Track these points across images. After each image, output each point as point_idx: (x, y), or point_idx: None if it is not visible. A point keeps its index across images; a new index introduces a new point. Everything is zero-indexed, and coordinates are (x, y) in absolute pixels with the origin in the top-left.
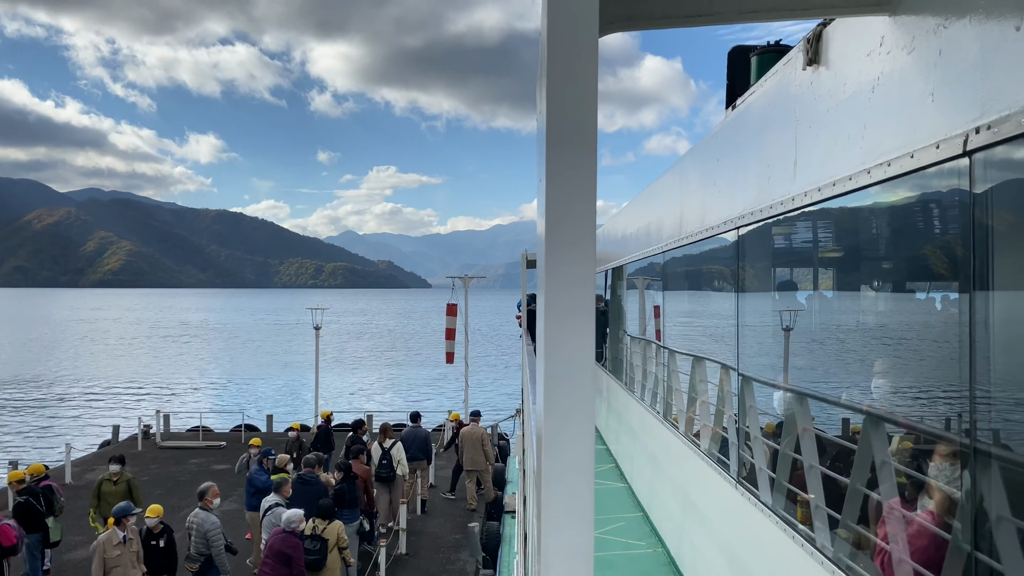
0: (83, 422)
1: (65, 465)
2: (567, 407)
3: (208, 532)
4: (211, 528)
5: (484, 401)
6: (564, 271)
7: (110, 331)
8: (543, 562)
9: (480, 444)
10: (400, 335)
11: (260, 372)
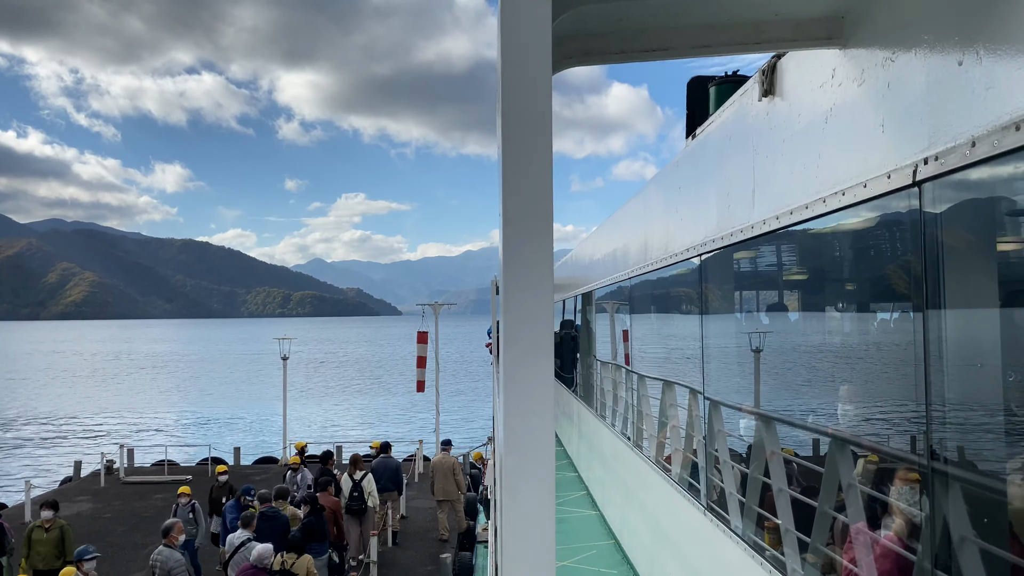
0: (44, 458)
1: (25, 503)
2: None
3: (172, 570)
4: (175, 566)
5: (456, 429)
6: (522, 303)
7: (72, 364)
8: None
9: (451, 473)
10: (370, 363)
11: (227, 404)
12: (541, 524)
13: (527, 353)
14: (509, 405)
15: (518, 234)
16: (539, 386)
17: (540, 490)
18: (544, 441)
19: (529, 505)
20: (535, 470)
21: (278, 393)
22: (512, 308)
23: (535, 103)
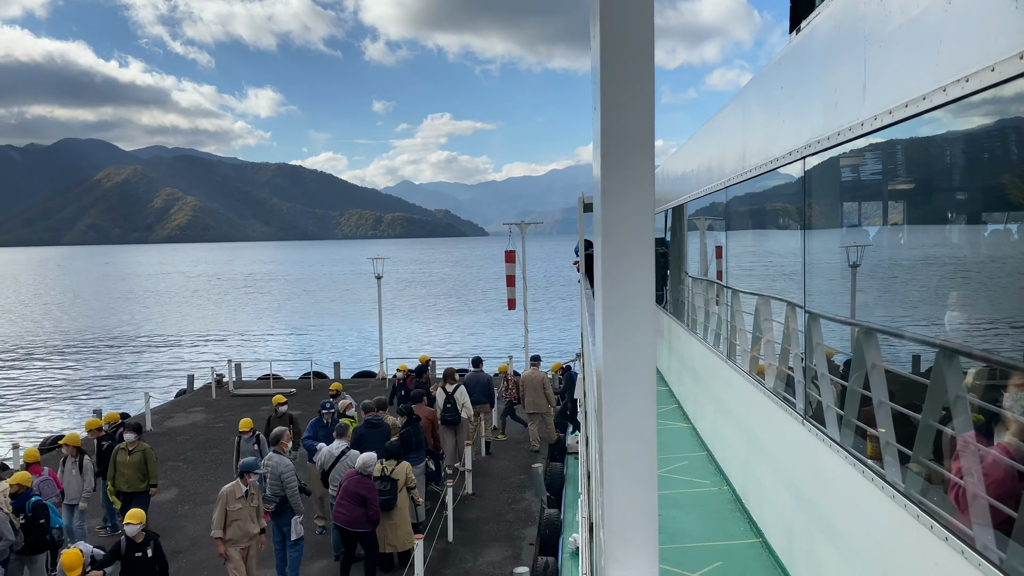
0: (160, 372)
1: (145, 413)
2: (627, 347)
3: (282, 474)
4: (285, 470)
5: (544, 346)
6: (622, 211)
7: (181, 285)
8: (606, 499)
9: (541, 387)
10: (459, 283)
11: (326, 321)
12: (643, 431)
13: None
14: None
15: (617, 135)
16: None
17: (641, 397)
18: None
19: (631, 412)
20: (636, 376)
21: (374, 311)
22: (611, 211)
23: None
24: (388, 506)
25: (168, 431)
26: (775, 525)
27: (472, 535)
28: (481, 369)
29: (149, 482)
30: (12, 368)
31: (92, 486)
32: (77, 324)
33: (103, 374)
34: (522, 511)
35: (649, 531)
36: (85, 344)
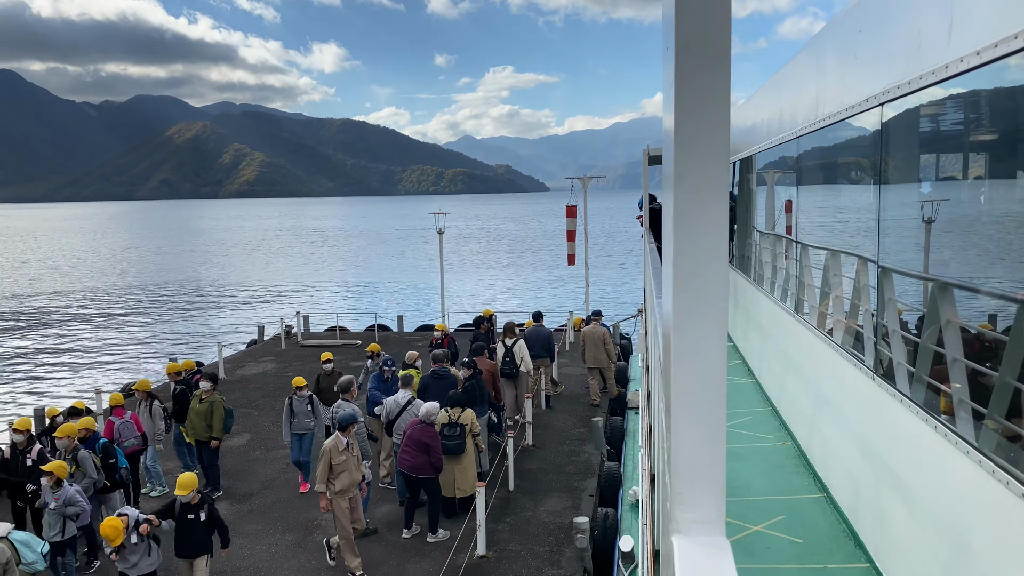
0: (231, 323)
1: (219, 362)
2: (698, 301)
3: None
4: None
5: (605, 301)
6: (696, 160)
7: (250, 239)
8: (674, 442)
9: (602, 343)
10: (519, 238)
11: (389, 275)
12: (712, 374)
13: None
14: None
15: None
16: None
17: (712, 341)
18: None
19: (701, 355)
20: (708, 319)
21: (435, 265)
22: (684, 162)
23: None
24: (458, 451)
25: (240, 379)
26: (840, 480)
27: (532, 485)
28: (541, 324)
29: (211, 434)
30: (93, 319)
31: (162, 429)
32: (153, 277)
33: (179, 324)
34: (582, 463)
35: (716, 474)
36: (161, 296)
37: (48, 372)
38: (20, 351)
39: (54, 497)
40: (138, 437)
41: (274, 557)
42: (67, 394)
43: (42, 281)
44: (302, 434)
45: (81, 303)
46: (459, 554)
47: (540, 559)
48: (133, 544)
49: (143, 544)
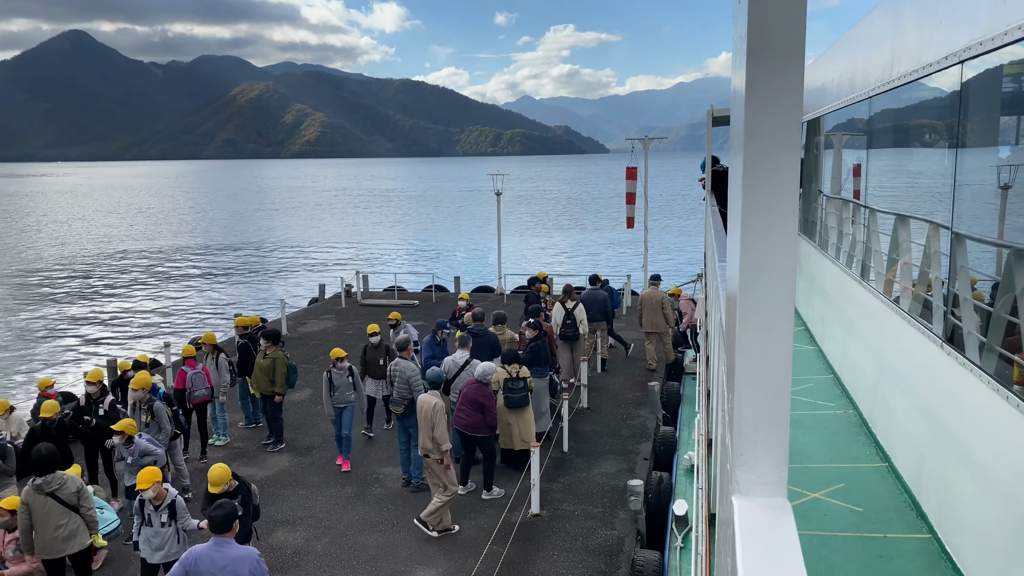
0: (294, 281)
1: (281, 319)
2: (766, 260)
3: (410, 378)
4: (412, 375)
5: (664, 265)
6: (767, 121)
7: (312, 199)
8: (736, 402)
9: (659, 307)
10: (577, 200)
11: (447, 236)
12: (779, 334)
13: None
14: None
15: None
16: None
17: (779, 302)
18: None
19: (767, 314)
20: (775, 280)
21: (493, 227)
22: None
23: None
24: (523, 403)
25: (302, 336)
26: (904, 449)
27: (587, 447)
28: (598, 287)
29: (275, 389)
30: (162, 275)
31: (227, 381)
32: (218, 235)
33: (243, 282)
34: (637, 427)
35: (779, 436)
36: (226, 254)
37: (119, 326)
38: (93, 305)
39: (128, 452)
40: (207, 388)
41: (334, 508)
42: (137, 347)
43: (114, 238)
44: (343, 407)
45: (150, 260)
46: (513, 512)
47: (593, 519)
48: (161, 525)
49: (171, 529)
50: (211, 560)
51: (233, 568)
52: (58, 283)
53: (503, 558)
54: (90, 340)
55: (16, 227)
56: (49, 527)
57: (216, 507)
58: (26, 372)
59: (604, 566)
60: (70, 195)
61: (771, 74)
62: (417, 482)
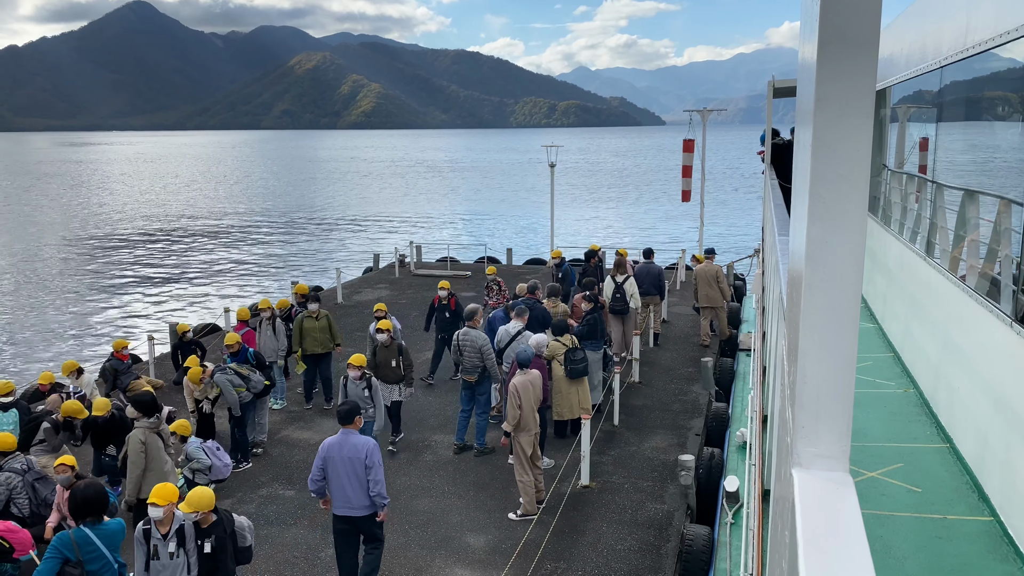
0: (349, 250)
1: (336, 287)
2: (835, 229)
3: (482, 347)
4: (484, 344)
5: (720, 239)
6: (840, 89)
7: (367, 169)
8: (799, 376)
9: (715, 281)
10: (632, 173)
11: (500, 208)
12: (845, 316)
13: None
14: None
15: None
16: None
17: (846, 280)
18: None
19: (835, 286)
20: (844, 253)
21: (545, 199)
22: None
23: None
24: (584, 373)
25: (356, 304)
26: (967, 431)
27: (637, 421)
28: (652, 260)
29: (335, 341)
30: (222, 242)
31: (285, 346)
32: (276, 203)
33: (300, 250)
34: (689, 402)
35: (843, 409)
36: (283, 222)
37: (179, 292)
38: (154, 269)
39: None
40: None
41: (386, 473)
42: (194, 313)
43: (173, 206)
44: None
45: (211, 226)
46: (563, 482)
47: (643, 493)
48: (170, 556)
49: (181, 560)
50: (339, 446)
51: (354, 451)
52: (117, 249)
53: (552, 527)
54: (151, 303)
55: (83, 193)
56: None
57: (342, 404)
58: (82, 336)
59: (653, 539)
60: (133, 163)
61: (844, 42)
62: (480, 447)
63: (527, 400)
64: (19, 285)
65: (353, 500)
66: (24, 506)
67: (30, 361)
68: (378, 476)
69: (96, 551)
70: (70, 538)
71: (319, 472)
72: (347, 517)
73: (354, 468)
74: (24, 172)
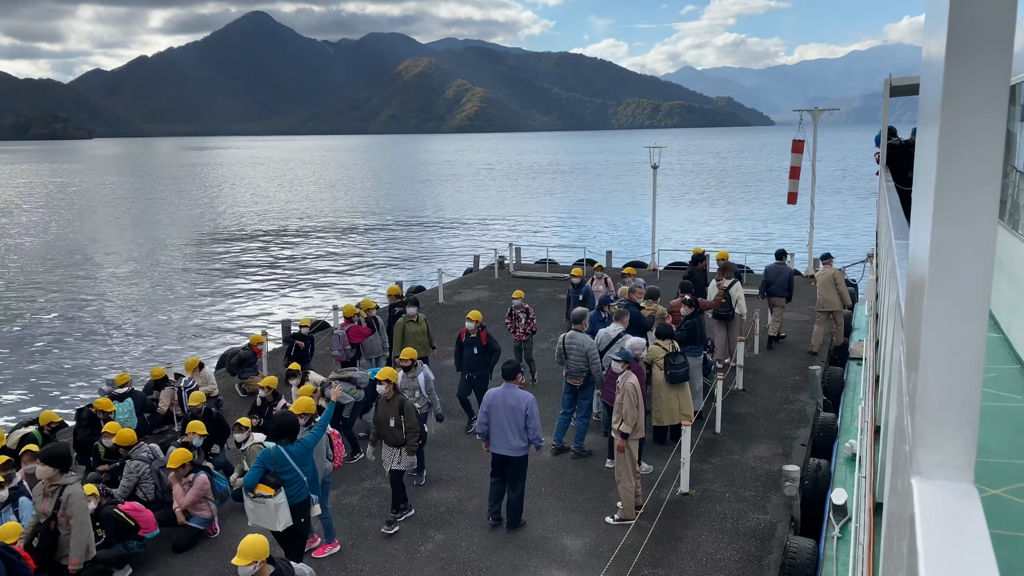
0: (449, 251)
1: (438, 288)
2: (963, 229)
3: (588, 351)
4: (591, 348)
5: (829, 244)
6: (970, 82)
7: (469, 172)
8: (921, 382)
9: (832, 284)
10: (738, 174)
11: (599, 210)
12: (973, 318)
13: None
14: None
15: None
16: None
17: (974, 280)
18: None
19: (960, 296)
20: (972, 254)
21: (646, 200)
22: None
23: None
24: (685, 379)
25: (456, 304)
26: None
27: (740, 429)
28: (784, 262)
29: (431, 344)
30: (331, 243)
31: (387, 344)
32: (382, 204)
33: (404, 250)
34: (795, 412)
35: (969, 416)
36: (388, 223)
37: (290, 287)
38: (266, 268)
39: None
40: (344, 350)
41: (485, 471)
42: (306, 305)
43: (287, 205)
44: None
45: (320, 227)
46: (662, 488)
47: (745, 503)
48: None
49: None
50: (503, 396)
51: (516, 401)
52: (233, 247)
53: (650, 533)
54: (264, 300)
55: (203, 194)
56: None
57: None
58: (196, 329)
59: (755, 550)
60: (250, 166)
61: (976, 36)
62: (578, 450)
63: (641, 402)
64: (144, 280)
65: (512, 442)
66: (150, 491)
67: (156, 354)
68: (536, 423)
69: (287, 465)
70: (270, 453)
71: (484, 418)
72: (503, 456)
73: (514, 416)
74: (151, 174)
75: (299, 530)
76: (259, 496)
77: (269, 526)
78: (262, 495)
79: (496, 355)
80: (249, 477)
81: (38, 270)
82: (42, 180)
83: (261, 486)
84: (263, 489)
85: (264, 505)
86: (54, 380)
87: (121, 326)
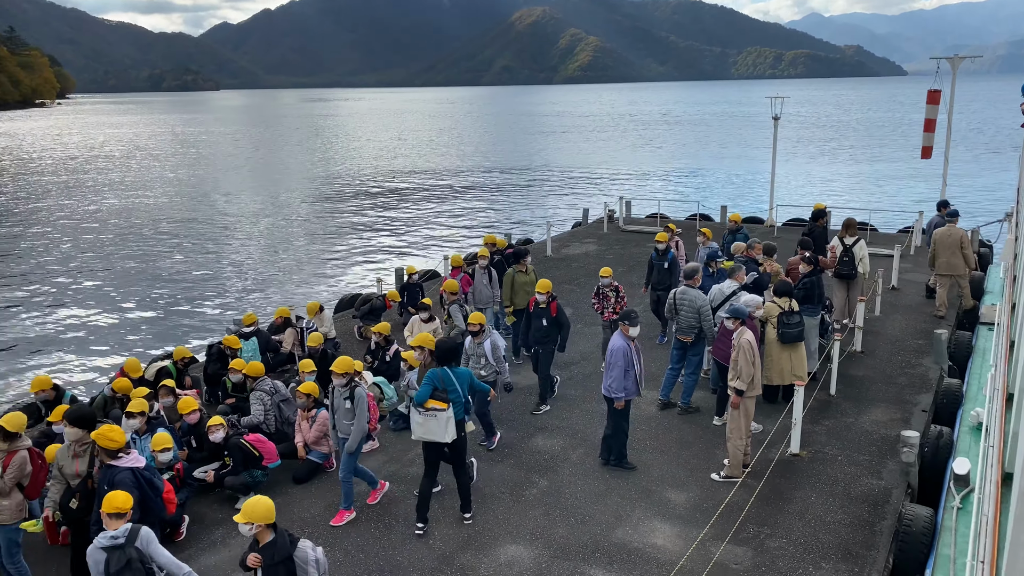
0: (559, 204)
1: (546, 240)
2: None
3: (700, 308)
4: (703, 304)
5: (965, 202)
6: None
7: (579, 123)
8: None
9: (958, 247)
10: (866, 126)
11: (716, 163)
12: None
13: None
14: None
15: None
16: None
17: None
18: None
19: None
20: None
21: (767, 154)
22: None
23: None
24: (799, 339)
25: (564, 258)
26: None
27: (856, 392)
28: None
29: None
30: (443, 193)
31: (498, 295)
32: (493, 158)
33: (514, 202)
34: (916, 376)
35: None
36: (498, 175)
37: (401, 237)
38: (381, 217)
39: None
40: (462, 296)
41: (589, 422)
42: (412, 259)
43: (402, 156)
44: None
45: (432, 178)
46: (771, 448)
47: (858, 467)
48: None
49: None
50: (619, 338)
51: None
52: (350, 196)
53: (757, 492)
54: (378, 248)
55: (322, 144)
56: None
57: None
58: (316, 274)
59: (867, 515)
60: (365, 117)
61: None
62: (685, 405)
63: (758, 359)
64: (267, 225)
65: (614, 386)
66: (271, 423)
67: (276, 295)
68: (616, 374)
69: (452, 384)
70: (438, 373)
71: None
72: (607, 397)
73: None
74: (274, 124)
75: (461, 443)
76: (432, 410)
77: (439, 438)
78: (435, 408)
79: (566, 329)
80: (421, 393)
81: (179, 214)
82: (184, 129)
83: (432, 400)
84: (435, 404)
85: (435, 418)
86: (187, 318)
87: (249, 270)
